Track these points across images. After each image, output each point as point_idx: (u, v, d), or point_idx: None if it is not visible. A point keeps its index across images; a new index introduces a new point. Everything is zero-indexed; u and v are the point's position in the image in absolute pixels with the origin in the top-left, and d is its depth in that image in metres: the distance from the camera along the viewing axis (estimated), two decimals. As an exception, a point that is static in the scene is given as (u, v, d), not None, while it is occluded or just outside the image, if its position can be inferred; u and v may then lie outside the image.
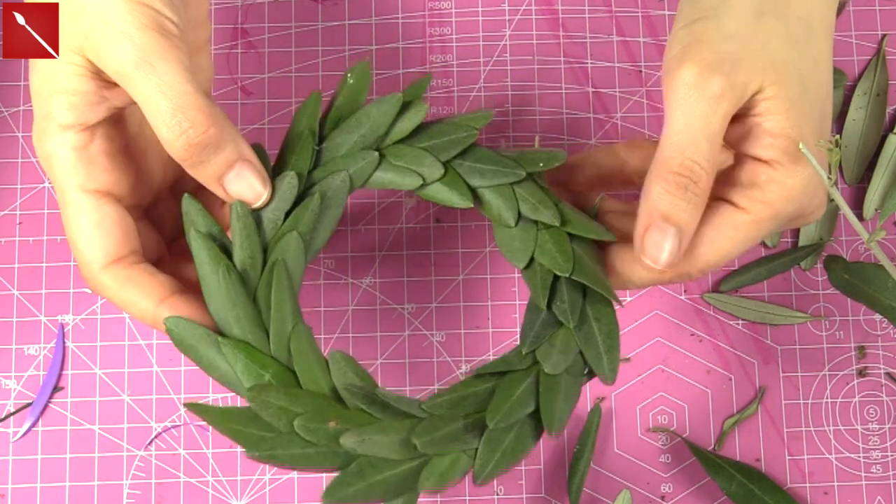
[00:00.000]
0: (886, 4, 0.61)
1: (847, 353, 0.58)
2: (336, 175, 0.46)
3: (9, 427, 0.56)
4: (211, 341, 0.43)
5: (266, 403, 0.42)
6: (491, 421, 0.42)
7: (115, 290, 0.43)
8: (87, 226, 0.43)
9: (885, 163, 0.59)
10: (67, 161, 0.42)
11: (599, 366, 0.44)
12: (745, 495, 0.55)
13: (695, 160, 0.42)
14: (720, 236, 0.44)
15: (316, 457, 0.41)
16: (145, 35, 0.41)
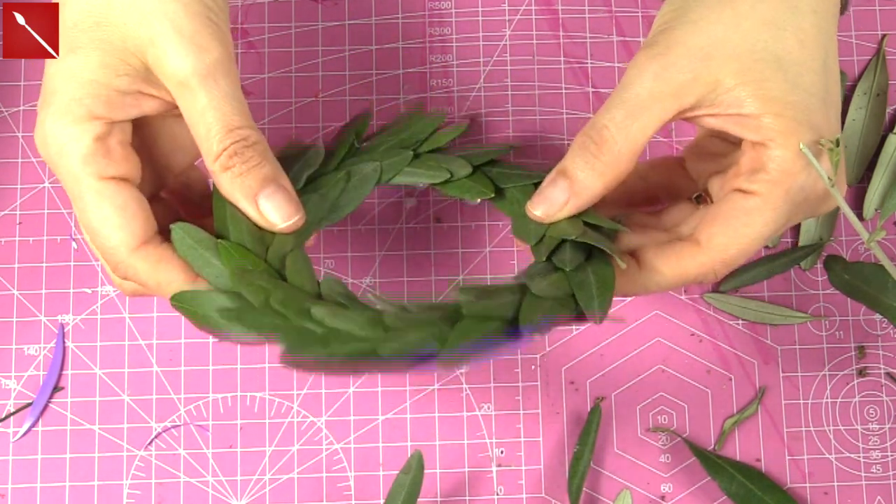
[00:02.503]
0: (886, 4, 0.61)
1: (847, 353, 0.58)
2: (369, 163, 0.49)
3: (9, 427, 0.56)
4: (211, 243, 0.43)
5: (248, 282, 0.42)
6: (466, 310, 0.41)
7: (148, 272, 0.43)
8: (112, 210, 0.43)
9: (885, 163, 0.59)
10: (86, 149, 0.42)
11: (590, 304, 0.43)
12: (745, 495, 0.55)
13: (605, 124, 0.43)
14: (735, 223, 0.44)
15: (285, 328, 0.41)
16: (215, 50, 0.43)
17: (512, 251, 0.58)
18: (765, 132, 0.43)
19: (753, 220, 0.44)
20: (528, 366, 0.57)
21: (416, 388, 0.57)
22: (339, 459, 0.56)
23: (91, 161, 0.42)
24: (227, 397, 0.57)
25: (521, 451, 0.57)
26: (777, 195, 0.43)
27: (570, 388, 0.57)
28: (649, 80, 0.43)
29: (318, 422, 0.57)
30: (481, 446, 0.57)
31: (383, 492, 0.56)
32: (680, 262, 0.45)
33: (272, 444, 0.56)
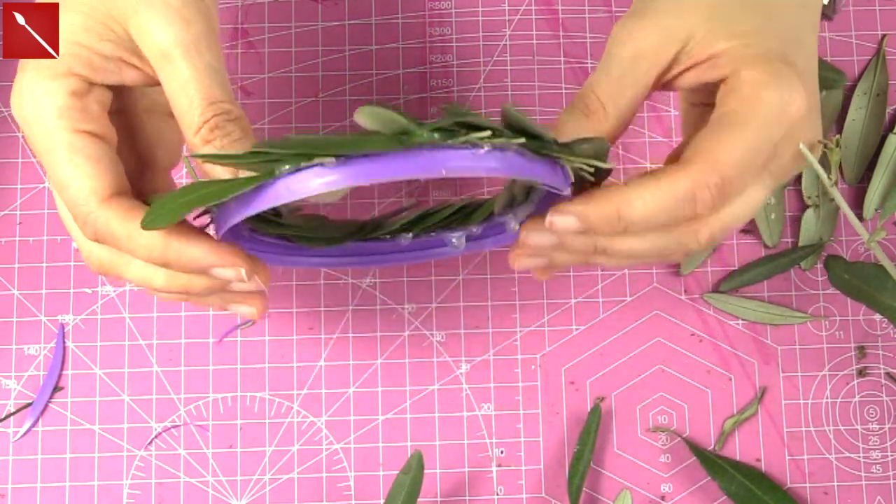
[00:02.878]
0: (886, 4, 0.61)
1: (847, 353, 0.58)
2: None
3: (9, 427, 0.56)
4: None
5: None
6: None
7: (120, 221, 0.41)
8: (84, 160, 0.41)
9: (885, 163, 0.59)
10: (63, 102, 0.41)
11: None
12: (745, 495, 0.55)
13: (591, 90, 0.43)
14: (719, 134, 0.41)
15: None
16: (200, 23, 0.42)
17: (512, 251, 0.58)
18: (735, 62, 0.42)
19: (737, 131, 0.41)
20: (528, 366, 0.57)
21: (416, 388, 0.57)
22: (339, 459, 0.56)
23: (66, 114, 0.41)
24: (227, 397, 0.57)
25: (521, 451, 0.57)
26: (754, 109, 0.41)
27: (570, 388, 0.57)
28: (628, 44, 0.43)
29: (318, 422, 0.57)
30: (481, 446, 0.57)
31: (383, 492, 0.56)
32: (666, 179, 0.40)
33: (272, 444, 0.56)
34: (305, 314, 0.58)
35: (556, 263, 0.44)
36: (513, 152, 0.38)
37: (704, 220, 0.41)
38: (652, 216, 0.40)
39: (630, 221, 0.40)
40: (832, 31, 0.61)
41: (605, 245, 0.42)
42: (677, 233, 0.42)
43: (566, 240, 0.42)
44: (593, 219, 0.40)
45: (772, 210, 0.58)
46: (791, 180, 0.59)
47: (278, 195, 0.37)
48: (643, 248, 0.42)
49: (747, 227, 0.59)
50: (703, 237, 0.42)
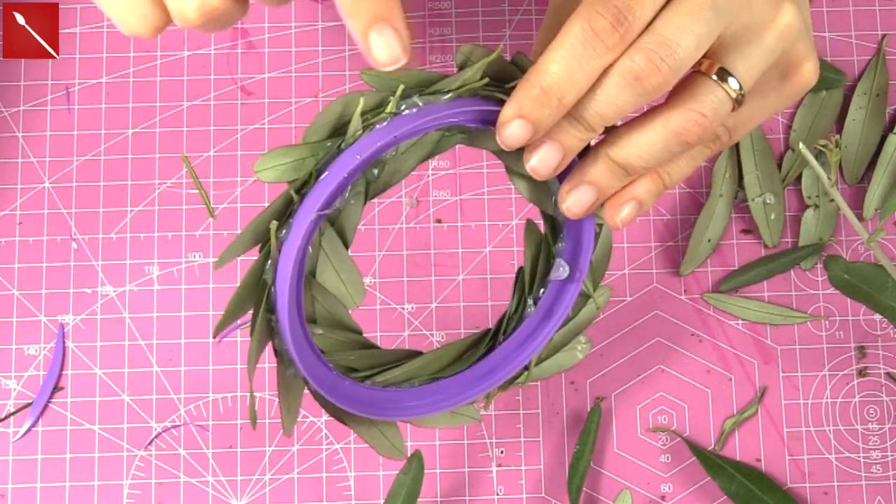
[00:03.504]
0: (886, 4, 0.61)
1: (847, 353, 0.58)
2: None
3: (9, 427, 0.56)
4: None
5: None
6: None
7: None
8: None
9: (885, 163, 0.59)
10: None
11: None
12: (745, 495, 0.55)
13: (536, 46, 0.42)
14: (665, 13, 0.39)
15: None
16: None
17: (512, 251, 0.58)
18: None
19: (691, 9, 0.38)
20: (528, 366, 0.57)
21: (416, 388, 0.57)
22: (339, 459, 0.56)
23: None
24: (227, 397, 0.57)
25: (521, 451, 0.57)
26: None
27: (570, 388, 0.57)
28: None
29: (318, 422, 0.57)
30: (481, 446, 0.57)
31: (383, 492, 0.56)
32: (561, 29, 0.39)
33: (272, 444, 0.56)
34: (305, 314, 0.58)
35: (597, 183, 0.42)
36: (414, 109, 0.40)
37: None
38: (569, 70, 0.38)
39: (557, 89, 0.38)
40: (832, 31, 0.61)
41: (616, 155, 0.41)
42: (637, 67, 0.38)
43: (555, 137, 0.40)
44: (526, 107, 0.39)
45: (772, 210, 0.58)
46: (791, 180, 0.59)
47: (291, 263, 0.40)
48: (649, 144, 0.40)
49: (747, 227, 0.59)
50: (661, 71, 0.38)
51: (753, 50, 0.40)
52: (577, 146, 0.41)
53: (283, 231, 0.40)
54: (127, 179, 0.59)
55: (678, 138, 0.40)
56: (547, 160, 0.40)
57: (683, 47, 0.38)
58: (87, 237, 0.58)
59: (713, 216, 0.58)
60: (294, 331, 0.41)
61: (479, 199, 0.59)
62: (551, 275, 0.46)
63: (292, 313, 0.41)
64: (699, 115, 0.40)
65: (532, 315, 0.47)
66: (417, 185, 0.59)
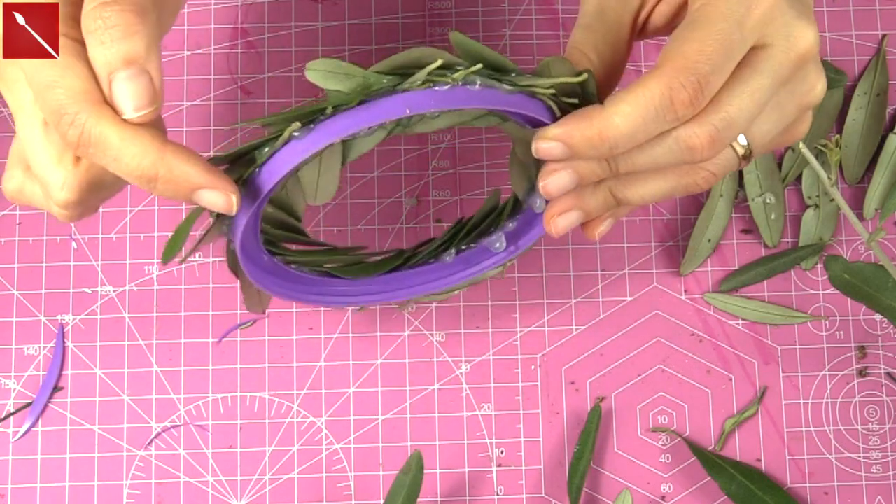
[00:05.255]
0: (886, 4, 0.61)
1: (847, 353, 0.58)
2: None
3: (9, 427, 0.56)
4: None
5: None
6: None
7: (114, 125, 0.37)
8: (77, 61, 0.38)
9: (885, 163, 0.59)
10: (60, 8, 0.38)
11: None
12: (746, 495, 0.55)
13: (571, 45, 0.44)
14: (685, 32, 0.39)
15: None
16: None
17: (512, 251, 0.58)
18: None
19: (704, 26, 0.39)
20: (528, 366, 0.57)
21: (415, 389, 0.57)
22: (339, 459, 0.56)
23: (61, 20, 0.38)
24: (227, 397, 0.57)
25: (521, 451, 0.57)
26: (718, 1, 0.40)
27: (570, 388, 0.57)
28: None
29: (318, 422, 0.57)
30: (481, 446, 0.57)
31: (383, 492, 0.56)
32: (640, 87, 0.39)
33: (272, 444, 0.56)
34: (305, 314, 0.58)
35: (589, 210, 0.44)
36: (476, 86, 0.39)
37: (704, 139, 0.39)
38: (634, 129, 0.39)
39: (613, 141, 0.39)
40: (832, 31, 0.61)
41: (619, 192, 0.43)
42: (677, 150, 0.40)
43: (580, 169, 0.41)
44: (576, 140, 0.39)
45: (772, 210, 0.58)
46: (791, 180, 0.59)
47: (267, 179, 0.39)
48: (656, 189, 0.42)
49: (747, 227, 0.59)
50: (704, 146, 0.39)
51: (774, 115, 0.42)
52: (593, 180, 0.42)
53: (297, 133, 0.39)
54: (127, 179, 0.59)
55: (686, 189, 0.42)
56: (561, 185, 0.42)
57: (739, 126, 0.40)
58: (86, 237, 0.58)
59: (713, 216, 0.58)
60: (249, 199, 0.40)
61: (479, 199, 0.59)
62: (486, 242, 0.51)
63: (261, 202, 0.40)
64: (711, 174, 0.42)
65: (448, 262, 0.51)
66: (417, 185, 0.59)
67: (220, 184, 0.38)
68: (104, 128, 0.37)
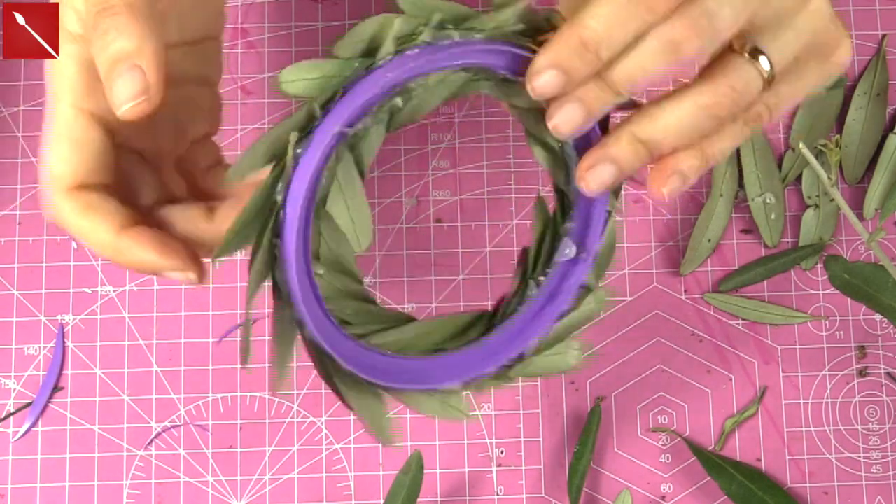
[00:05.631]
0: (886, 4, 0.61)
1: (847, 353, 0.58)
2: None
3: (9, 427, 0.56)
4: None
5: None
6: None
7: (74, 215, 0.40)
8: (66, 143, 0.40)
9: (885, 163, 0.59)
10: (69, 73, 0.40)
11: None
12: (746, 495, 0.55)
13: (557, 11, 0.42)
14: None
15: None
16: None
17: (512, 251, 0.58)
18: None
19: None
20: (528, 366, 0.57)
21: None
22: (339, 459, 0.56)
23: (70, 86, 0.40)
24: (227, 397, 0.57)
25: (521, 451, 0.57)
26: None
27: (570, 388, 0.57)
28: None
29: (318, 422, 0.57)
30: (481, 446, 0.57)
31: (383, 492, 0.56)
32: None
33: (272, 444, 0.56)
34: (305, 314, 0.58)
35: (618, 159, 0.41)
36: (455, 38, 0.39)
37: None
38: (609, 25, 0.38)
39: (595, 43, 0.38)
40: (832, 31, 0.61)
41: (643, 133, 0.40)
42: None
43: (581, 95, 0.40)
44: (564, 56, 0.38)
45: (772, 210, 0.58)
46: (791, 180, 0.59)
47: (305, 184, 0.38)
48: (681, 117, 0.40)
49: (747, 227, 0.59)
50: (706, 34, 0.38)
51: (786, 32, 0.41)
52: (602, 109, 0.40)
53: (300, 149, 0.38)
54: (127, 179, 0.59)
55: (708, 112, 0.40)
56: (571, 118, 0.40)
57: (723, 18, 0.38)
58: (87, 237, 0.58)
59: (713, 216, 0.58)
60: (299, 260, 0.39)
61: (479, 199, 0.59)
62: (557, 256, 0.45)
63: (300, 239, 0.39)
64: (730, 89, 0.40)
65: (534, 298, 0.45)
66: (417, 185, 0.59)
67: (177, 264, 0.40)
68: (66, 216, 0.40)
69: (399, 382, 0.43)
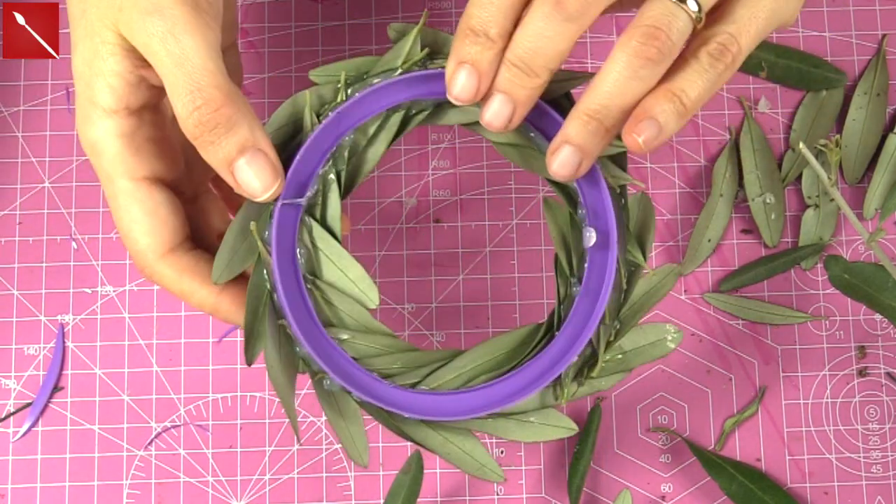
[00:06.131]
0: (886, 4, 0.61)
1: (847, 353, 0.58)
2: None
3: (9, 427, 0.56)
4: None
5: None
6: None
7: (174, 280, 0.43)
8: (141, 214, 0.42)
9: (885, 163, 0.59)
10: (114, 148, 0.41)
11: None
12: (746, 495, 0.55)
13: None
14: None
15: None
16: (176, 8, 0.39)
17: (512, 251, 0.58)
18: None
19: None
20: (528, 366, 0.57)
21: (416, 388, 0.57)
22: (339, 459, 0.56)
23: (120, 160, 0.42)
24: (227, 397, 0.57)
25: (521, 451, 0.57)
26: None
27: (570, 388, 0.57)
28: None
29: (318, 422, 0.57)
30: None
31: (383, 492, 0.56)
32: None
33: (272, 444, 0.56)
34: (305, 314, 0.58)
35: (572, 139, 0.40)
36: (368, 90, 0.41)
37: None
38: (484, 8, 0.38)
39: (480, 25, 0.39)
40: (832, 31, 0.61)
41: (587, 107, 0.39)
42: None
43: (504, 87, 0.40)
44: (460, 51, 0.39)
45: (772, 210, 0.58)
46: (791, 180, 0.59)
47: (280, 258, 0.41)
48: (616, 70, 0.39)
49: (747, 227, 0.59)
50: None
51: None
52: (526, 94, 0.40)
53: (266, 232, 0.41)
54: (127, 179, 0.59)
55: (639, 59, 0.38)
56: (498, 111, 0.40)
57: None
58: (87, 237, 0.58)
59: (713, 216, 0.58)
60: (305, 330, 0.41)
61: (480, 199, 0.59)
62: (584, 243, 0.44)
63: (298, 311, 0.41)
64: (652, 27, 0.38)
65: (579, 295, 0.44)
66: (417, 185, 0.59)
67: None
68: (166, 282, 0.43)
69: (465, 413, 0.44)
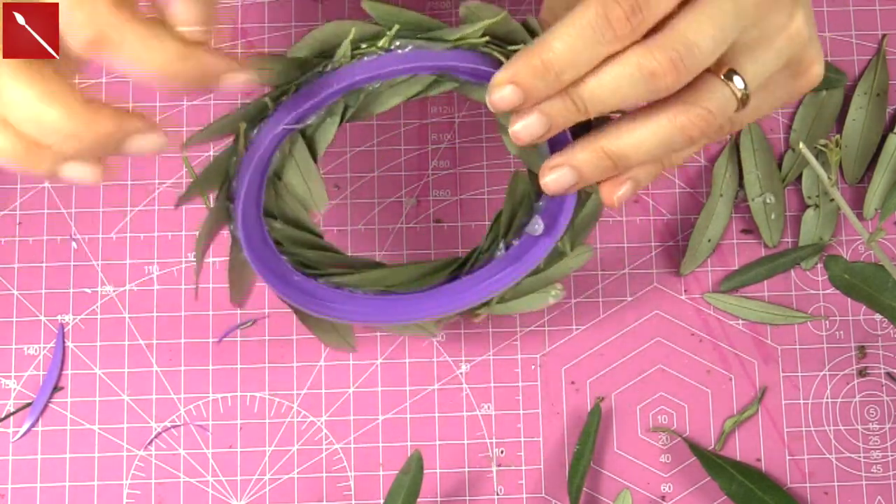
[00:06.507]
0: (886, 4, 0.61)
1: (847, 353, 0.58)
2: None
3: (9, 427, 0.56)
4: None
5: None
6: None
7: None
8: None
9: (886, 163, 0.59)
10: None
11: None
12: (746, 495, 0.55)
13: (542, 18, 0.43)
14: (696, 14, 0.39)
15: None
16: None
17: (512, 251, 0.58)
18: None
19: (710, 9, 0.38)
20: (528, 366, 0.57)
21: (415, 388, 0.57)
22: (339, 459, 0.56)
23: None
24: (227, 397, 0.57)
25: (521, 451, 0.57)
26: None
27: (570, 388, 0.57)
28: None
29: (318, 422, 0.57)
30: (481, 446, 0.57)
31: (383, 492, 0.56)
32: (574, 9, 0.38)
33: (272, 444, 0.56)
34: (305, 314, 0.58)
35: (579, 166, 0.41)
36: (407, 49, 0.40)
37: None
38: (573, 49, 0.38)
39: (556, 65, 0.38)
40: (832, 31, 0.61)
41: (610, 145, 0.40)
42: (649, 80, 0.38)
43: (546, 110, 0.40)
44: (522, 75, 0.39)
45: (772, 210, 0.58)
46: (791, 180, 0.59)
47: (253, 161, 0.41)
48: (649, 135, 0.40)
49: (747, 227, 0.59)
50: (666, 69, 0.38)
51: (764, 54, 0.41)
52: (565, 123, 0.40)
53: (254, 131, 0.42)
54: (127, 179, 0.59)
55: (682, 133, 0.40)
56: (531, 129, 0.40)
57: (702, 50, 0.38)
58: (87, 237, 0.58)
59: (713, 216, 0.58)
60: (247, 220, 0.43)
61: (480, 199, 0.59)
62: (527, 228, 0.48)
63: (248, 206, 0.42)
64: (706, 111, 0.40)
65: (501, 258, 0.49)
66: (417, 185, 0.59)
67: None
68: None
69: (342, 314, 0.48)
